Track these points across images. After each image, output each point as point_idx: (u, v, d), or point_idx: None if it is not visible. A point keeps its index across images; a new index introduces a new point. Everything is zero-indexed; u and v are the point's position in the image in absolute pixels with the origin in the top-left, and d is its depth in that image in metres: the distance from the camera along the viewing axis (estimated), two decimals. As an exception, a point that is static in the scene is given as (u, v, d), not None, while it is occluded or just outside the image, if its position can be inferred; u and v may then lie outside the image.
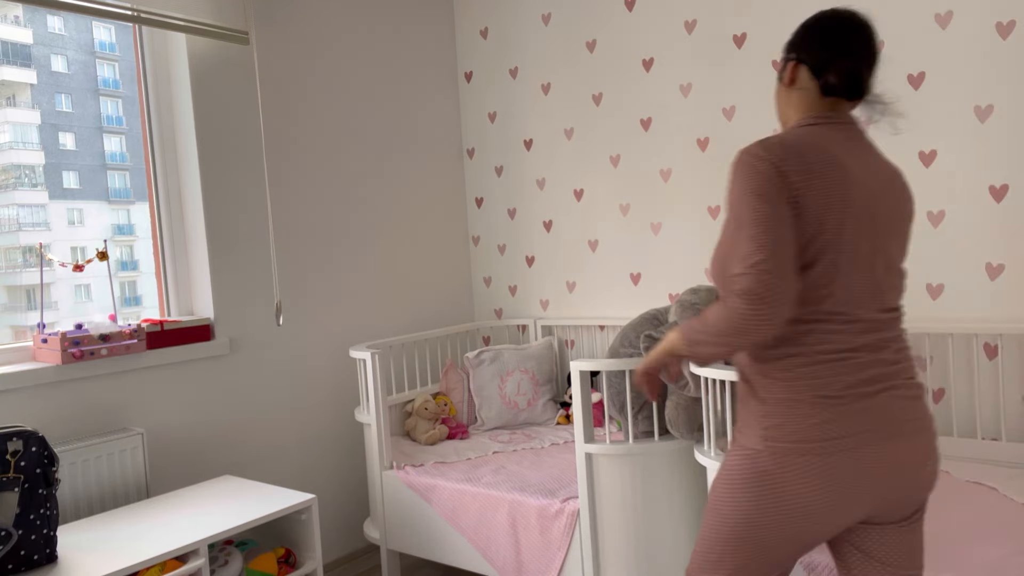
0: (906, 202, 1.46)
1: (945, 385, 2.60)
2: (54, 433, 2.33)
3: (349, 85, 3.22)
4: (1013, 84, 2.42)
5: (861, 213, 1.37)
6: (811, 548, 1.41)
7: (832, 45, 1.46)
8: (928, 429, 1.39)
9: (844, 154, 1.40)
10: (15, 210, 2.68)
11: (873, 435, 1.33)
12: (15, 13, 2.66)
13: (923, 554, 1.48)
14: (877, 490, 1.35)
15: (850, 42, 1.46)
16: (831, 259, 1.34)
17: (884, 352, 1.38)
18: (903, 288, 1.45)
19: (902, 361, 1.39)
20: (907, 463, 1.36)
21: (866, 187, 1.39)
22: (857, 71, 1.45)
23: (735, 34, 2.93)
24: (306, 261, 3.05)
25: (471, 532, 2.53)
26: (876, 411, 1.34)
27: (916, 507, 1.43)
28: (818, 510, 1.34)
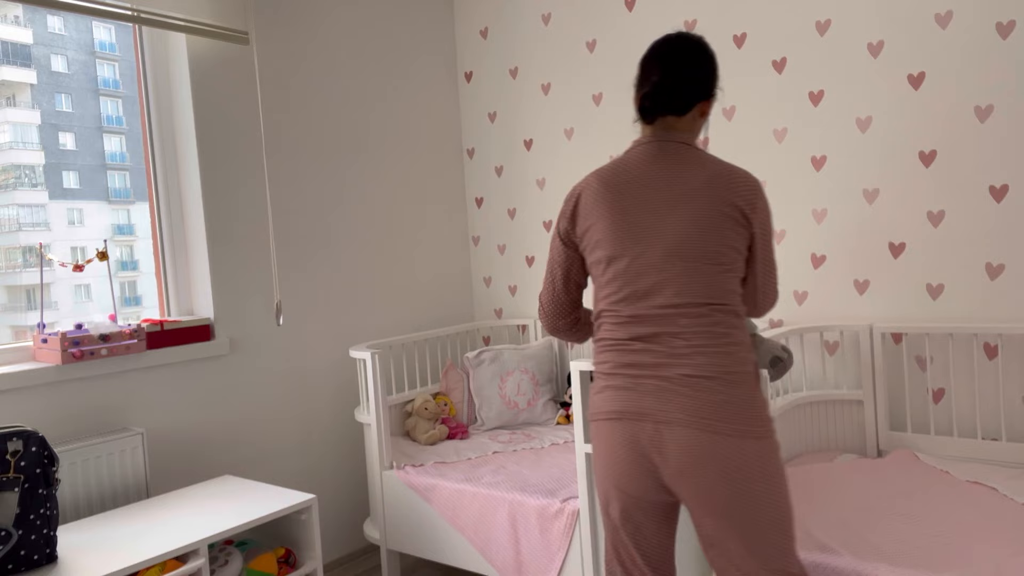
0: (709, 197, 1.60)
1: (945, 385, 2.60)
2: (54, 433, 2.33)
3: (349, 85, 3.22)
4: (1013, 84, 2.42)
5: (642, 223, 1.63)
6: (623, 505, 1.65)
7: (638, 77, 1.72)
8: (683, 424, 1.52)
9: (649, 173, 1.66)
10: (15, 210, 2.68)
11: (627, 414, 1.58)
12: (15, 13, 2.66)
13: (672, 560, 1.69)
14: (635, 465, 1.59)
15: (648, 72, 1.70)
16: (612, 267, 1.64)
17: (655, 343, 1.58)
18: (728, 286, 1.58)
19: (699, 353, 1.54)
20: (647, 452, 1.57)
21: (659, 194, 1.63)
22: (648, 97, 1.67)
23: (735, 34, 2.93)
24: (306, 261, 3.05)
25: (471, 532, 2.53)
26: (632, 395, 1.58)
27: (687, 500, 1.57)
28: (604, 474, 1.66)
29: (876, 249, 2.70)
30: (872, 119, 2.67)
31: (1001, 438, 2.46)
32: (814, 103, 2.78)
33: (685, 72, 1.67)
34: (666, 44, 1.71)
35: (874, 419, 2.65)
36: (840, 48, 2.71)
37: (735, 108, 2.95)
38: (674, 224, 1.60)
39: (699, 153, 1.67)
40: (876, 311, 2.71)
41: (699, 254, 1.58)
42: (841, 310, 2.78)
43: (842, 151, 2.74)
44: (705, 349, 1.54)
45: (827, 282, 2.80)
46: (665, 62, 1.69)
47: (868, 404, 2.66)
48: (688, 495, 1.55)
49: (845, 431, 2.71)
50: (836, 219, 2.77)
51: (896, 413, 2.68)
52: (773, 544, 1.55)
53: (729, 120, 2.97)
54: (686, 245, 1.58)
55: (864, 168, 2.70)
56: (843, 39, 2.70)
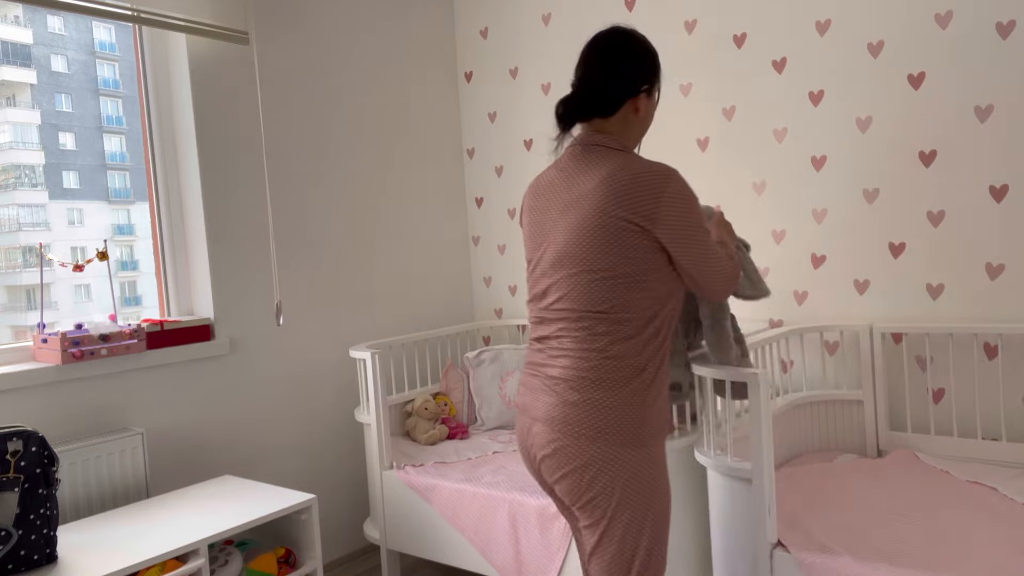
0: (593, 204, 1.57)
1: (945, 385, 2.60)
2: (54, 433, 2.33)
3: (349, 85, 3.22)
4: (1013, 84, 2.42)
5: (538, 228, 1.68)
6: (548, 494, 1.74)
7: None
8: (544, 420, 1.60)
9: (556, 178, 1.68)
10: (15, 210, 2.68)
11: (520, 410, 1.68)
12: (15, 13, 2.66)
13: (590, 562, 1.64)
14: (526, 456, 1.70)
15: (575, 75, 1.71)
16: (528, 269, 1.73)
17: (544, 344, 1.66)
18: (601, 295, 1.56)
19: (564, 356, 1.59)
20: (527, 445, 1.67)
21: (553, 203, 1.66)
22: (562, 103, 1.67)
23: (735, 34, 2.93)
24: (306, 261, 3.05)
25: (471, 532, 2.53)
26: (524, 391, 1.68)
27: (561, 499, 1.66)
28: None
29: (876, 249, 2.70)
30: (872, 119, 2.67)
31: (1001, 438, 2.46)
32: (814, 103, 2.78)
33: (606, 71, 1.64)
34: (590, 43, 1.69)
35: (874, 419, 2.65)
36: (840, 48, 2.71)
37: (735, 108, 2.95)
38: (562, 230, 1.61)
39: (612, 156, 1.61)
40: (876, 311, 2.71)
41: (579, 261, 1.58)
42: (841, 310, 2.78)
43: (842, 151, 2.74)
44: (572, 353, 1.58)
45: (827, 282, 2.80)
46: (585, 63, 1.68)
47: (868, 404, 2.66)
48: (555, 489, 1.65)
49: (845, 431, 2.71)
50: (836, 219, 2.77)
51: (896, 413, 2.68)
52: (612, 561, 1.59)
53: (729, 120, 2.97)
54: (569, 252, 1.59)
55: (864, 168, 2.70)
56: (843, 39, 2.70)
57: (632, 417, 1.55)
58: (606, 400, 1.54)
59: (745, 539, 1.95)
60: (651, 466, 1.57)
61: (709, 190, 3.04)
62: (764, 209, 2.92)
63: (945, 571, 1.72)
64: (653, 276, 1.57)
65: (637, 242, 1.54)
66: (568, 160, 1.67)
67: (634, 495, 1.56)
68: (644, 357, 1.57)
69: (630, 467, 1.55)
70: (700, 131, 3.04)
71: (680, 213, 1.54)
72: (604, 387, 1.55)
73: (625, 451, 1.54)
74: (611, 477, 1.55)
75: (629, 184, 1.54)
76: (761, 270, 2.94)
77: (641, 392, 1.56)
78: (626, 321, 1.56)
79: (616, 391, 1.54)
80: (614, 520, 1.57)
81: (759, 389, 1.86)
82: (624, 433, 1.54)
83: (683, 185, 1.56)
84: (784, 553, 1.87)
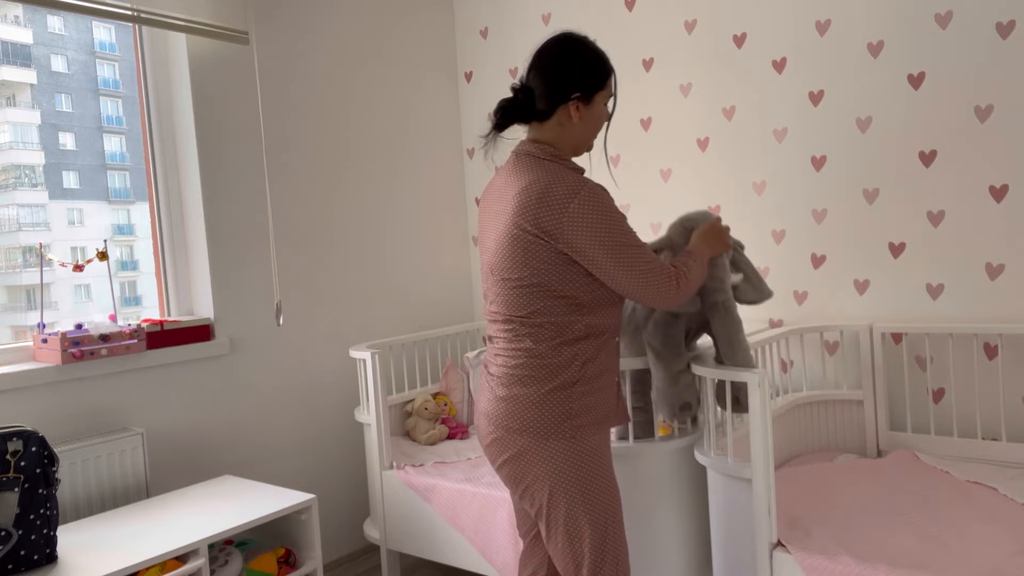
0: (509, 216, 1.66)
1: (945, 385, 2.60)
2: (54, 433, 2.33)
3: (349, 85, 3.22)
4: (1013, 84, 2.42)
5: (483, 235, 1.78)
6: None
7: None
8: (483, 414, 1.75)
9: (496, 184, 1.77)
10: (15, 210, 2.68)
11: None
12: (15, 13, 2.66)
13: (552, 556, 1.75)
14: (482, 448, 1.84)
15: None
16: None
17: (489, 343, 1.79)
18: (518, 300, 1.68)
19: (498, 355, 1.73)
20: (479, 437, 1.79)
21: (489, 211, 1.76)
22: (496, 111, 1.74)
23: (735, 34, 2.93)
24: (306, 261, 3.05)
25: (471, 532, 2.53)
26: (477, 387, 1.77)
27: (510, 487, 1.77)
28: None
29: (876, 249, 2.70)
30: (872, 119, 2.67)
31: (1001, 438, 2.46)
32: (814, 103, 2.78)
33: (541, 76, 1.69)
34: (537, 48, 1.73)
35: (874, 419, 2.65)
36: (840, 48, 2.71)
37: (735, 108, 2.95)
38: (491, 239, 1.74)
39: (535, 167, 1.66)
40: (876, 311, 2.71)
41: (501, 271, 1.69)
42: (841, 310, 2.78)
43: (842, 151, 2.74)
44: (504, 353, 1.72)
45: (827, 282, 2.80)
46: (528, 67, 1.73)
47: (868, 404, 2.66)
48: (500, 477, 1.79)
49: (845, 431, 2.71)
50: (836, 219, 2.77)
51: (896, 413, 2.68)
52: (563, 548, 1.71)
53: (729, 120, 2.97)
54: (494, 262, 1.71)
55: (864, 168, 2.70)
56: (843, 39, 2.70)
57: (554, 411, 1.66)
58: (529, 396, 1.67)
59: (745, 539, 1.95)
60: (583, 458, 1.68)
61: (709, 190, 3.04)
62: (764, 209, 2.92)
63: (945, 571, 1.72)
64: (571, 285, 1.65)
65: (546, 255, 1.62)
66: (506, 167, 1.76)
67: (567, 486, 1.67)
68: (566, 357, 1.67)
69: (557, 458, 1.67)
70: (700, 131, 3.04)
71: (585, 227, 1.60)
72: (527, 384, 1.67)
73: (550, 443, 1.66)
74: (541, 468, 1.68)
75: (538, 198, 1.61)
76: (761, 270, 2.94)
77: (564, 389, 1.66)
78: (546, 325, 1.67)
79: (538, 387, 1.67)
80: (552, 510, 1.69)
81: (759, 390, 1.86)
82: (547, 426, 1.66)
83: (592, 200, 1.60)
84: (784, 553, 1.87)
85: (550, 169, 1.65)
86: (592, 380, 1.70)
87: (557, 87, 1.67)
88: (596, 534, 1.69)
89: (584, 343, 1.69)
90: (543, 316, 1.67)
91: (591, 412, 1.69)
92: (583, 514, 1.68)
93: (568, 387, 1.67)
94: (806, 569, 1.82)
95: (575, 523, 1.69)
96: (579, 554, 1.70)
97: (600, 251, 1.61)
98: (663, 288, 1.67)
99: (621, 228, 1.63)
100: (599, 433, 1.71)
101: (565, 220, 1.59)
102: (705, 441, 2.08)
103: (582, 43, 1.70)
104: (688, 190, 3.09)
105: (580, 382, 1.68)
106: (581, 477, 1.68)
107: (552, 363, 1.67)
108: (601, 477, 1.70)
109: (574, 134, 1.72)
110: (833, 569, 1.78)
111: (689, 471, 2.19)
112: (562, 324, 1.67)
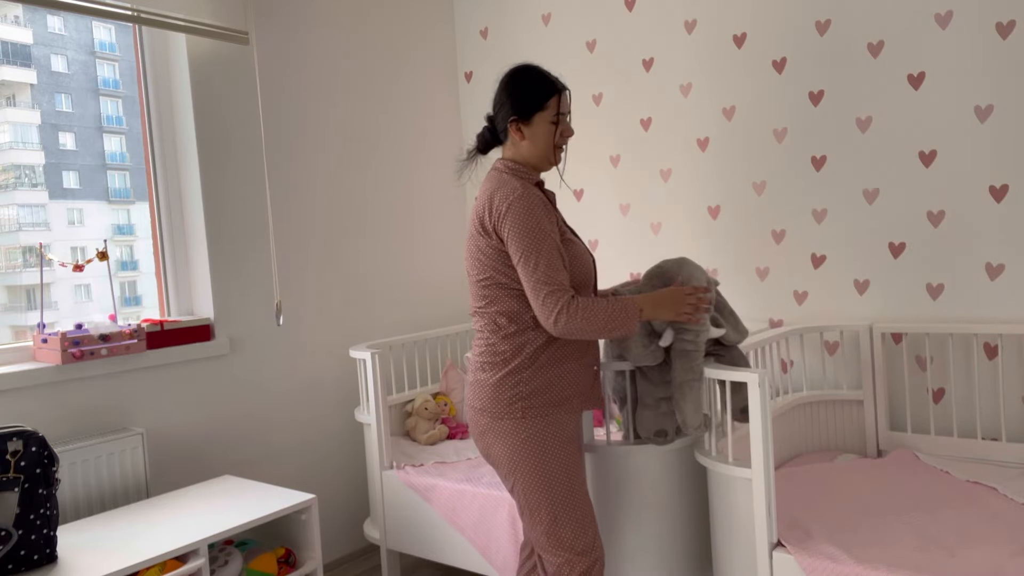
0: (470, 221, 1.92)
1: (945, 385, 2.60)
2: (54, 433, 2.33)
3: (349, 85, 3.22)
4: (1013, 84, 2.42)
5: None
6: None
7: None
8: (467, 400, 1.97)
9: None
10: (15, 210, 2.68)
11: None
12: (15, 13, 2.66)
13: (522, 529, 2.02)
14: None
15: None
16: None
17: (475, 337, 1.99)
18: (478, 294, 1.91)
19: (473, 345, 1.97)
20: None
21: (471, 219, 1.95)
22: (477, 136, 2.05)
23: (735, 34, 2.93)
24: (306, 261, 3.05)
25: (471, 532, 2.53)
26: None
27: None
28: None
29: (876, 249, 2.70)
30: (872, 119, 2.67)
31: (1001, 438, 2.46)
32: (814, 103, 2.78)
33: (493, 105, 1.99)
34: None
35: (874, 419, 2.65)
36: (840, 48, 2.71)
37: (735, 108, 2.95)
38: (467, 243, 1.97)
39: (494, 178, 1.92)
40: (876, 311, 2.71)
41: (469, 269, 1.94)
42: (841, 310, 2.78)
43: (842, 151, 2.74)
44: (475, 342, 1.97)
45: (827, 282, 2.80)
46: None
47: (868, 404, 2.66)
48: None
49: (845, 431, 2.71)
50: (836, 219, 2.77)
51: (896, 413, 2.68)
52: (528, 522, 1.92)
53: (729, 120, 2.97)
54: (466, 261, 1.95)
55: (864, 168, 2.70)
56: (843, 39, 2.70)
57: (506, 394, 1.87)
58: (488, 380, 1.90)
59: (745, 539, 1.95)
60: (533, 436, 1.86)
61: (709, 190, 3.04)
62: (764, 209, 2.92)
63: (945, 571, 1.72)
64: (515, 279, 1.86)
65: (491, 251, 1.86)
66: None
67: (523, 461, 1.87)
68: (516, 344, 1.87)
69: (512, 436, 1.87)
70: (700, 131, 3.04)
71: (512, 227, 1.81)
72: (487, 369, 1.91)
73: (504, 423, 1.87)
74: (499, 446, 1.89)
75: (487, 203, 1.86)
76: (761, 270, 2.94)
77: (516, 373, 1.86)
78: (498, 314, 1.89)
79: (494, 372, 1.89)
80: (514, 484, 1.90)
81: (759, 390, 1.86)
82: (500, 407, 1.87)
83: (521, 205, 1.81)
84: (784, 553, 1.87)
85: (502, 180, 1.89)
86: (548, 366, 1.88)
87: (500, 114, 1.95)
88: (551, 509, 1.87)
89: (535, 332, 1.88)
90: (495, 306, 1.89)
91: (542, 394, 1.87)
92: (536, 490, 1.87)
93: (519, 372, 1.87)
94: (806, 569, 1.82)
95: (531, 497, 1.88)
96: (538, 526, 1.89)
97: (516, 252, 1.82)
98: (542, 309, 1.80)
99: (537, 235, 1.80)
100: (554, 414, 1.88)
101: (500, 220, 1.83)
102: (705, 441, 2.08)
103: (521, 72, 1.93)
104: (688, 190, 3.09)
105: (532, 367, 1.87)
106: (532, 454, 1.86)
107: (505, 350, 1.88)
108: (551, 454, 1.87)
109: (525, 151, 1.94)
110: (833, 569, 1.78)
111: (689, 471, 2.19)
112: (512, 314, 1.88)
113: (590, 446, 2.20)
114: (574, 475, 1.90)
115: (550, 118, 1.91)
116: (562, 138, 1.95)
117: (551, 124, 1.92)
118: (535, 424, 1.87)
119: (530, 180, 1.92)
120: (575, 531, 1.89)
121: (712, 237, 3.05)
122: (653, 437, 2.10)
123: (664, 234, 3.17)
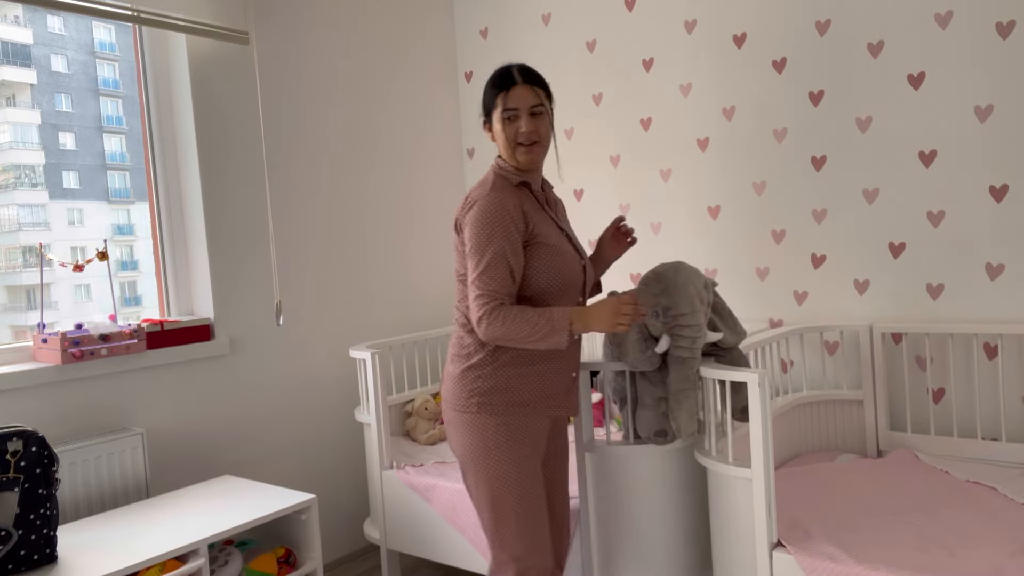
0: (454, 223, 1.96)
1: (945, 385, 2.60)
2: (54, 433, 2.33)
3: (349, 85, 3.22)
4: (1013, 84, 2.42)
5: None
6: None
7: None
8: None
9: None
10: (15, 210, 2.68)
11: None
12: (15, 13, 2.66)
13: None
14: None
15: None
16: None
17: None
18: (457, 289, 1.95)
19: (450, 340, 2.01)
20: None
21: None
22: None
23: (735, 34, 2.93)
24: (306, 261, 3.05)
25: (471, 532, 2.53)
26: None
27: None
28: None
29: (876, 249, 2.70)
30: (872, 119, 2.67)
31: (1001, 438, 2.46)
32: (814, 103, 2.78)
33: None
34: None
35: (874, 419, 2.65)
36: (840, 48, 2.71)
37: (735, 108, 2.95)
38: None
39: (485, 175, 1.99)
40: (876, 311, 2.71)
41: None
42: (841, 310, 2.78)
43: (842, 151, 2.74)
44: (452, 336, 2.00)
45: (827, 282, 2.80)
46: None
47: (868, 404, 2.66)
48: None
49: (845, 431, 2.71)
50: (836, 219, 2.77)
51: (896, 413, 2.68)
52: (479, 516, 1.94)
53: (729, 120, 2.97)
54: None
55: (864, 168, 2.70)
56: (843, 39, 2.70)
57: (466, 388, 1.89)
58: (453, 372, 1.94)
59: (745, 539, 1.95)
60: (489, 433, 1.87)
61: (709, 190, 3.04)
62: (764, 209, 2.92)
63: (945, 571, 1.72)
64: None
65: (461, 248, 1.90)
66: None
67: (472, 456, 1.89)
68: (480, 340, 1.87)
69: (466, 430, 1.89)
70: (700, 131, 3.04)
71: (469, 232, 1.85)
72: (453, 362, 1.95)
73: (462, 416, 1.89)
74: (456, 437, 1.93)
75: (462, 201, 1.94)
76: (761, 270, 2.94)
77: (476, 369, 1.88)
78: (468, 310, 1.89)
79: (457, 366, 1.93)
80: (465, 477, 1.95)
81: (759, 390, 1.86)
82: (460, 400, 1.90)
83: (482, 210, 1.85)
84: (784, 553, 1.87)
85: (484, 179, 1.96)
86: (509, 366, 1.88)
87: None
88: (492, 508, 1.89)
89: None
90: (464, 303, 1.92)
91: (500, 393, 1.87)
92: (481, 486, 1.90)
93: (480, 367, 1.88)
94: (806, 569, 1.82)
95: (476, 493, 1.92)
96: (483, 522, 1.93)
97: (468, 251, 1.86)
98: (472, 311, 1.83)
99: (487, 239, 1.82)
100: (512, 415, 1.88)
101: (463, 218, 1.90)
102: (705, 441, 2.08)
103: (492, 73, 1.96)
104: (688, 190, 3.09)
105: (493, 365, 1.88)
106: (481, 450, 1.88)
107: (469, 343, 1.91)
108: (502, 454, 1.87)
109: (499, 148, 1.99)
110: (833, 569, 1.78)
111: (689, 471, 2.19)
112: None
113: (590, 446, 2.20)
114: (524, 479, 1.88)
115: (500, 116, 1.92)
116: (519, 136, 1.90)
117: (506, 121, 1.92)
118: (489, 421, 1.87)
119: (512, 180, 1.94)
120: (515, 535, 1.89)
121: (712, 237, 3.05)
122: (653, 437, 2.11)
123: (664, 234, 3.17)
